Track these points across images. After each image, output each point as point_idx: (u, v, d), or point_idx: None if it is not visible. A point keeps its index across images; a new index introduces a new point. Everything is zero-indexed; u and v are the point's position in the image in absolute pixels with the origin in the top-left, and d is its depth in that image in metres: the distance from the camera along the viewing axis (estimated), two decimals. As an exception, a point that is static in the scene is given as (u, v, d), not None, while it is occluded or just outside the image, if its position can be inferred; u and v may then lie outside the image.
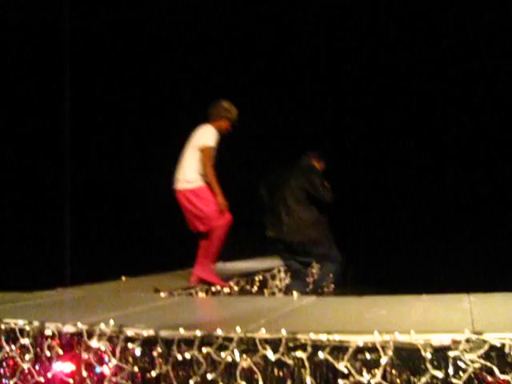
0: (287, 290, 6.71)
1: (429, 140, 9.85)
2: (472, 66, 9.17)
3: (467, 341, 2.74)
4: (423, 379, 2.77)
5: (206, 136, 6.05)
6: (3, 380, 3.57)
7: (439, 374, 2.75)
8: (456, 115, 9.52)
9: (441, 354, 2.77)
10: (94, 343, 3.32)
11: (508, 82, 8.96)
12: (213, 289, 5.99)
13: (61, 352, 3.42)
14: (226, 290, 6.20)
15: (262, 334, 3.04)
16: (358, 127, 10.01)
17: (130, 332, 3.30)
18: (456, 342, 2.76)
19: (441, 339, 2.79)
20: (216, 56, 9.88)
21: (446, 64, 9.36)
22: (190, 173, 6.07)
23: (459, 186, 9.67)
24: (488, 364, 2.70)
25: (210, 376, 3.07)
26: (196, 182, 6.08)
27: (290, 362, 2.95)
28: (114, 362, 3.27)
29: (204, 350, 3.10)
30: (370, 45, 9.56)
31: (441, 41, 9.22)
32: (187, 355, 3.13)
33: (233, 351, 3.04)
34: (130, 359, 3.26)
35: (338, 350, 2.89)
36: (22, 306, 4.56)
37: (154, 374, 3.20)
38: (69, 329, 3.46)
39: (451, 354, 2.76)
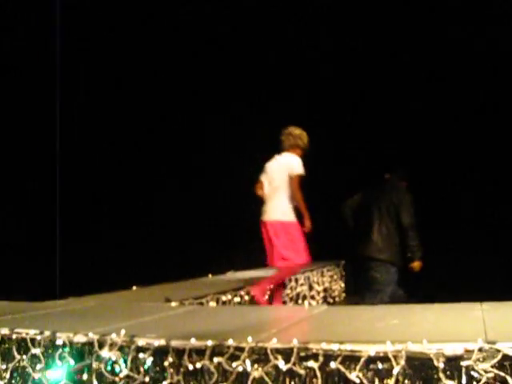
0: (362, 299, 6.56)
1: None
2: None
3: (480, 350, 2.72)
4: (436, 389, 2.74)
5: (293, 165, 6.06)
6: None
7: (452, 384, 2.73)
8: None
9: (453, 364, 2.74)
10: (105, 353, 3.32)
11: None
12: (223, 298, 5.99)
13: (72, 362, 3.42)
14: (237, 299, 6.19)
15: (274, 343, 3.02)
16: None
17: (141, 342, 3.29)
18: (469, 352, 2.73)
19: (453, 349, 2.76)
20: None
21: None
22: (282, 205, 6.08)
23: (472, 194, 9.61)
24: (501, 374, 2.67)
25: (221, 386, 3.06)
26: (288, 216, 6.08)
27: (302, 371, 2.93)
28: (125, 372, 3.26)
29: (215, 359, 3.08)
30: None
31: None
32: (198, 365, 3.12)
33: (244, 361, 3.02)
34: (141, 369, 3.25)
35: (350, 359, 2.87)
36: (34, 315, 4.57)
37: (165, 383, 3.19)
38: (80, 338, 3.46)
39: (464, 363, 2.73)
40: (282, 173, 6.07)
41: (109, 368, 3.30)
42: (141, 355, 3.27)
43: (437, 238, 9.54)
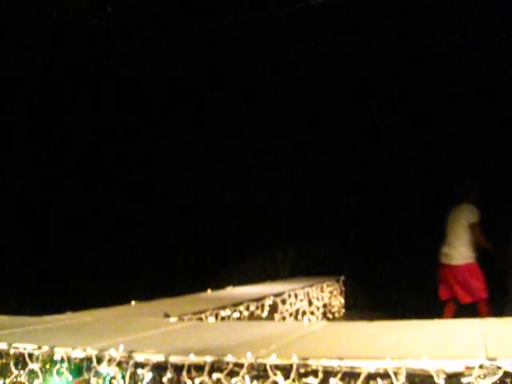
0: None
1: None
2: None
3: (481, 367, 2.70)
4: (436, 406, 2.72)
5: (472, 215, 7.54)
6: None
7: (453, 401, 2.71)
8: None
9: (454, 381, 2.72)
10: (104, 368, 3.30)
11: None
12: (222, 313, 5.96)
13: (70, 377, 3.40)
14: (236, 315, 6.17)
15: (273, 359, 3.01)
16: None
17: (139, 357, 3.27)
18: (469, 368, 2.71)
19: (454, 365, 2.74)
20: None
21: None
22: (465, 250, 7.53)
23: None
24: (502, 391, 2.66)
25: (220, 402, 3.04)
26: (470, 259, 7.54)
27: (301, 388, 2.92)
28: (123, 387, 3.24)
29: (214, 376, 3.06)
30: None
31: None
32: (197, 381, 3.10)
33: (243, 377, 3.00)
34: (140, 385, 3.23)
35: (350, 376, 2.85)
36: (31, 330, 4.55)
37: (163, 400, 3.17)
38: (78, 354, 3.44)
39: (465, 380, 2.71)
40: (461, 223, 7.56)
41: (107, 383, 3.28)
42: (139, 371, 3.25)
43: (436, 253, 9.55)
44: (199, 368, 3.11)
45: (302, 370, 2.94)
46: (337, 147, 10.52)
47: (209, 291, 7.89)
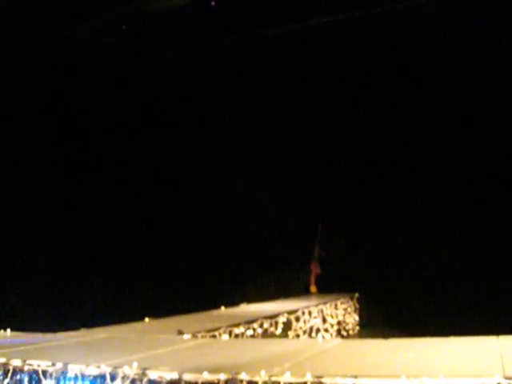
0: None
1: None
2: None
3: (498, 386, 2.67)
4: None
5: None
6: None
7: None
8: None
9: (471, 400, 2.69)
10: (117, 386, 3.30)
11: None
12: (236, 331, 5.94)
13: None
14: (250, 332, 6.14)
15: (287, 377, 2.99)
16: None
17: (153, 375, 3.26)
18: (486, 387, 2.68)
19: (470, 384, 2.71)
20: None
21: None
22: None
23: (487, 231, 9.51)
24: (520, 410, 2.62)
25: (233, 420, 3.01)
26: None
27: (316, 406, 2.89)
28: (136, 405, 3.23)
29: (228, 393, 3.05)
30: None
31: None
32: (211, 399, 3.09)
33: (257, 395, 2.99)
34: (153, 402, 3.22)
35: (365, 394, 2.83)
36: (46, 347, 4.55)
37: (177, 417, 3.15)
38: (92, 371, 3.44)
39: (482, 399, 2.68)
40: None
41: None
42: (153, 388, 3.24)
43: (453, 270, 9.48)
44: (213, 386, 3.10)
45: (316, 388, 2.92)
46: (349, 166, 10.53)
47: (222, 308, 7.87)
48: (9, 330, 5.54)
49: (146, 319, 6.52)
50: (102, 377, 3.38)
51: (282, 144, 10.68)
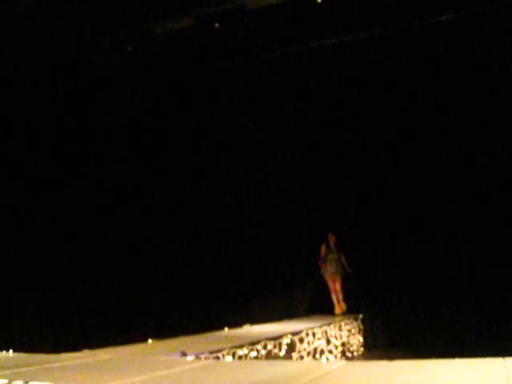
0: None
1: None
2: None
3: (504, 409, 2.64)
4: None
5: None
6: None
7: None
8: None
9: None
10: (120, 408, 3.27)
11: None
12: (240, 352, 5.90)
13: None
14: (253, 353, 6.10)
15: (291, 399, 2.96)
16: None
17: (155, 397, 3.24)
18: (492, 411, 2.65)
19: (476, 407, 2.68)
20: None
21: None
22: None
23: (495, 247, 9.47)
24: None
25: None
26: None
27: (320, 429, 2.86)
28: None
29: (231, 416, 3.02)
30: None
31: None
32: (214, 421, 3.06)
33: (260, 418, 2.96)
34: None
35: (369, 417, 2.80)
36: (48, 368, 4.53)
37: None
38: (94, 393, 3.42)
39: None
40: None
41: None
42: (155, 410, 3.21)
43: (456, 292, 9.43)
44: (216, 408, 3.07)
45: (320, 411, 2.89)
46: (354, 189, 10.55)
47: (226, 329, 7.83)
48: (11, 351, 5.53)
49: (149, 340, 6.49)
50: (105, 399, 3.36)
51: (289, 170, 10.76)
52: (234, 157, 10.80)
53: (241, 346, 6.00)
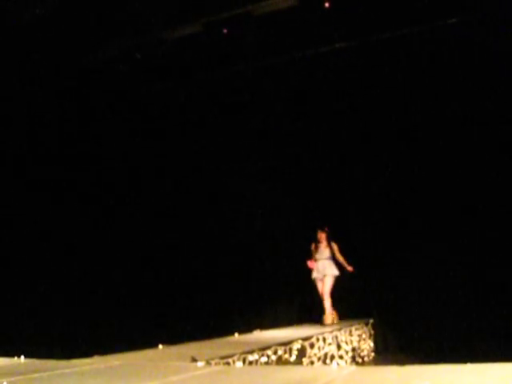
0: None
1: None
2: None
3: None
4: None
5: None
6: None
7: None
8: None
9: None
10: (131, 414, 3.27)
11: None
12: (250, 358, 5.89)
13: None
14: (264, 359, 6.09)
15: (302, 405, 2.95)
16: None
17: (166, 403, 3.24)
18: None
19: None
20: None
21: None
22: None
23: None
24: None
25: None
26: None
27: None
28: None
29: (242, 422, 3.01)
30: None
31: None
32: (225, 427, 3.05)
33: (271, 424, 2.95)
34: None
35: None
36: (59, 374, 4.54)
37: None
38: (105, 399, 3.42)
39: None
40: None
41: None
42: (166, 417, 3.21)
43: (469, 294, 9.36)
44: (227, 414, 3.07)
45: (331, 417, 2.88)
46: (362, 193, 10.53)
47: (236, 335, 7.82)
48: (22, 357, 5.55)
49: (160, 346, 6.50)
50: (116, 405, 3.36)
51: (293, 178, 10.76)
52: (241, 162, 10.79)
53: (251, 352, 5.99)
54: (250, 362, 5.86)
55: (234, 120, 10.57)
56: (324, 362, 7.62)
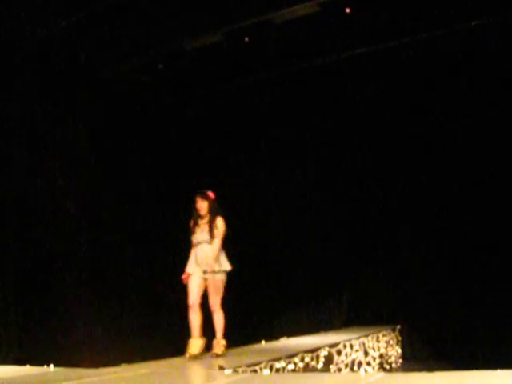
0: None
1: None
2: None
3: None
4: None
5: None
6: None
7: None
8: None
9: None
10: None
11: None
12: (277, 365, 5.88)
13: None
14: (291, 366, 6.07)
15: (330, 412, 2.94)
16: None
17: (194, 410, 3.25)
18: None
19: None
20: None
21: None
22: None
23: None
24: None
25: None
26: None
27: None
28: None
29: (270, 429, 3.01)
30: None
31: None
32: None
33: (300, 431, 2.94)
34: None
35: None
36: (89, 382, 4.58)
37: None
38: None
39: None
40: None
41: None
42: (194, 425, 3.22)
43: (498, 300, 9.24)
44: (255, 422, 3.07)
45: (360, 424, 2.86)
46: (385, 200, 10.49)
47: (263, 342, 7.82)
48: (52, 366, 5.61)
49: (187, 355, 6.51)
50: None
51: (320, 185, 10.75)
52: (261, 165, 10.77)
53: (278, 359, 5.98)
54: (277, 370, 5.85)
55: (259, 127, 10.57)
56: (351, 369, 7.58)
